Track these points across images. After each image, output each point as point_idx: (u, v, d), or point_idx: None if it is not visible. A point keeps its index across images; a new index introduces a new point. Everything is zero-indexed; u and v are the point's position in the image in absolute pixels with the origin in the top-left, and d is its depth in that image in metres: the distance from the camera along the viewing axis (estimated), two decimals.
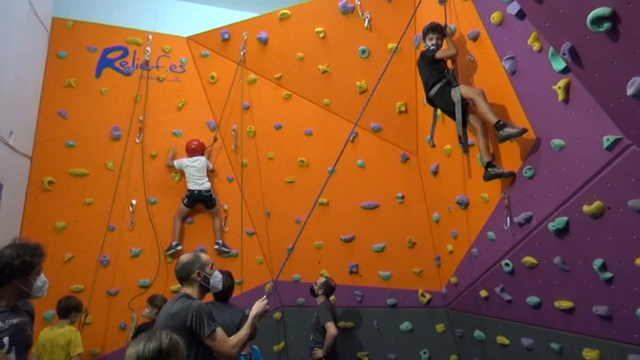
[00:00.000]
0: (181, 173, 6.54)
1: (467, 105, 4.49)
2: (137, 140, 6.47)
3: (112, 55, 6.65)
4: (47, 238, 5.85)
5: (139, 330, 5.13)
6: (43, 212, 5.97)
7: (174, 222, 6.35)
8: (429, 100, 4.84)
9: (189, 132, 6.70)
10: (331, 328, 5.27)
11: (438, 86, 4.63)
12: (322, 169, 6.15)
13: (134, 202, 6.30)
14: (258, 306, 3.29)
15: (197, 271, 3.23)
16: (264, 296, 3.37)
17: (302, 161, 6.48)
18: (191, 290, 3.21)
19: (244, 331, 3.18)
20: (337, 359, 5.58)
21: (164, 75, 6.79)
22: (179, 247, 6.27)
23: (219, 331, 3.05)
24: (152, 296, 5.36)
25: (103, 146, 6.39)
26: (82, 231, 6.06)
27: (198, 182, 6.31)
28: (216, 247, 6.44)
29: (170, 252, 6.24)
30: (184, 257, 3.32)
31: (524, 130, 3.89)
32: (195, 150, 6.46)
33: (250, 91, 6.72)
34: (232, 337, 3.14)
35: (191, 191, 6.31)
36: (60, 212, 6.04)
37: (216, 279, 3.33)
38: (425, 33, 4.86)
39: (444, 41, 4.80)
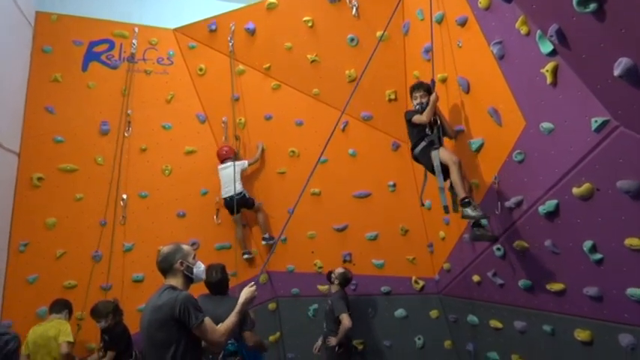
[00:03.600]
0: (172, 167, 6.51)
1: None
2: (126, 134, 6.41)
3: (98, 49, 6.57)
4: (38, 235, 5.84)
5: (107, 334, 5.11)
6: (33, 209, 5.91)
7: (235, 232, 6.42)
8: (415, 158, 4.83)
9: (179, 125, 6.66)
10: (346, 320, 5.31)
11: (420, 146, 4.66)
12: (313, 160, 6.05)
13: (125, 196, 6.26)
14: (246, 292, 3.28)
15: (179, 260, 3.20)
16: (252, 282, 3.35)
17: (293, 152, 6.46)
18: (175, 281, 3.19)
19: (232, 318, 3.18)
20: (351, 345, 5.63)
21: (151, 68, 6.72)
22: (251, 255, 6.45)
23: (206, 320, 3.05)
24: (94, 308, 5.12)
25: (92, 141, 6.33)
26: (73, 227, 6.01)
27: (227, 189, 6.24)
28: (264, 241, 6.45)
29: (245, 257, 6.44)
30: (165, 248, 3.29)
31: (486, 227, 4.22)
32: (225, 156, 6.40)
33: (239, 83, 6.68)
34: (221, 325, 3.14)
35: (224, 199, 6.28)
36: (50, 208, 5.98)
37: (200, 269, 3.31)
38: (411, 91, 4.84)
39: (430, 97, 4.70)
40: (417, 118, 4.64)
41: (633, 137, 3.02)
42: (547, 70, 3.51)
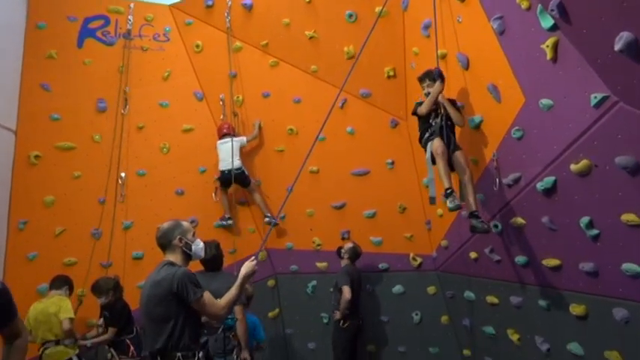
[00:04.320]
0: (170, 145, 6.50)
1: (456, 150, 4.48)
2: (123, 112, 6.38)
3: (93, 25, 6.48)
4: (37, 213, 5.87)
5: (108, 310, 5.18)
6: (31, 187, 5.91)
7: (219, 198, 6.37)
8: (423, 148, 4.80)
9: (176, 102, 6.62)
10: (346, 292, 5.44)
11: (425, 137, 4.67)
12: (312, 137, 6.03)
13: (123, 174, 6.26)
14: (247, 266, 3.31)
15: (178, 237, 3.23)
16: (253, 257, 3.38)
17: (291, 130, 6.44)
18: (174, 257, 3.22)
19: (233, 291, 3.21)
20: (358, 322, 5.72)
21: (148, 44, 6.64)
22: (230, 222, 6.36)
23: (206, 294, 3.08)
24: (94, 285, 5.24)
25: (89, 119, 6.30)
26: (71, 204, 6.03)
27: (226, 162, 6.23)
28: (266, 219, 6.42)
29: (221, 222, 6.35)
30: (165, 224, 3.31)
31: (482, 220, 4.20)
32: (226, 132, 6.37)
33: (236, 60, 6.61)
34: (221, 298, 3.18)
35: (221, 172, 6.28)
36: (48, 186, 5.99)
37: (198, 246, 3.33)
38: (420, 81, 4.79)
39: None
40: (418, 110, 4.68)
41: (632, 113, 3.02)
42: (547, 46, 3.48)
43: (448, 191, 4.30)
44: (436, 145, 4.44)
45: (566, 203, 3.78)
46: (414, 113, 4.79)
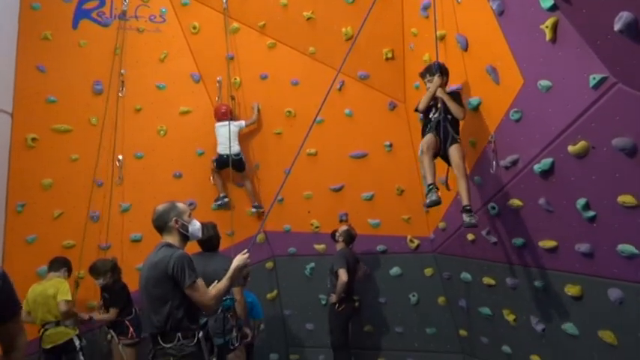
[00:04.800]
0: (167, 127, 6.47)
1: (453, 144, 4.41)
2: (120, 94, 6.34)
3: (88, 6, 6.40)
4: (34, 195, 5.87)
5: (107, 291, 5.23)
6: (29, 169, 5.90)
7: (213, 179, 6.39)
8: None
9: (173, 85, 6.57)
10: (342, 275, 5.49)
11: (426, 130, 4.62)
12: (309, 120, 6.01)
13: (120, 157, 6.24)
14: (239, 259, 3.33)
15: (174, 218, 3.24)
16: (245, 250, 3.40)
17: (289, 112, 6.42)
18: (171, 239, 3.24)
19: (224, 283, 3.24)
20: (354, 304, 5.83)
21: (143, 26, 6.57)
22: (226, 199, 6.36)
23: (199, 282, 3.10)
24: (92, 266, 5.30)
25: (85, 101, 6.26)
26: (69, 187, 6.03)
27: (225, 146, 6.21)
28: (253, 209, 6.47)
29: (218, 203, 6.35)
30: (160, 206, 3.32)
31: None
32: (224, 114, 6.34)
33: (233, 41, 6.55)
34: (211, 288, 3.19)
35: (220, 155, 6.27)
36: (45, 169, 5.97)
37: (195, 227, 3.34)
38: (421, 76, 4.73)
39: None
40: (418, 106, 4.66)
41: (631, 94, 3.01)
42: (547, 27, 3.45)
43: (430, 187, 4.32)
44: (424, 141, 4.44)
45: (563, 185, 3.79)
46: (417, 110, 4.76)
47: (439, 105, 4.52)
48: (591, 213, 3.61)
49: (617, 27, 2.70)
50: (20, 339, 2.03)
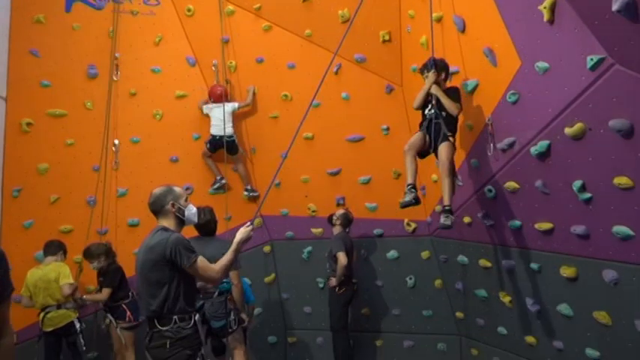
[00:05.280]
0: (163, 111, 6.43)
1: (443, 141, 4.36)
2: (115, 78, 6.28)
3: None
4: (31, 180, 5.86)
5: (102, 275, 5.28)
6: (24, 154, 5.88)
7: (205, 161, 6.39)
8: None
9: (168, 68, 6.51)
10: (342, 258, 5.53)
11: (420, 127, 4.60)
12: (306, 103, 5.97)
13: (117, 141, 6.22)
14: (242, 232, 3.34)
15: (171, 202, 3.25)
16: (249, 222, 3.41)
17: (285, 95, 6.37)
18: (167, 223, 3.25)
19: (228, 256, 3.25)
20: (353, 287, 5.86)
21: (137, 8, 6.47)
22: (223, 181, 6.36)
23: (200, 259, 3.13)
24: (86, 250, 5.31)
25: (80, 85, 6.21)
26: (65, 172, 6.01)
27: (218, 127, 6.19)
28: (246, 192, 6.48)
29: (215, 186, 6.35)
30: (157, 190, 3.32)
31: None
32: (220, 96, 6.29)
33: (229, 24, 6.48)
34: (216, 262, 3.22)
35: (213, 136, 6.24)
36: (41, 154, 5.95)
37: (191, 211, 3.35)
38: (421, 73, 4.66)
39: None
40: (413, 104, 4.66)
41: (628, 75, 3.00)
42: (544, 7, 3.42)
43: (407, 187, 4.35)
44: (410, 139, 4.43)
45: (560, 167, 3.79)
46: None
47: (433, 102, 4.48)
48: (587, 195, 3.62)
49: (615, 7, 2.68)
50: (9, 324, 1.94)
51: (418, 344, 6.13)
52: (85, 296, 5.31)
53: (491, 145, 4.39)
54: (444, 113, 4.40)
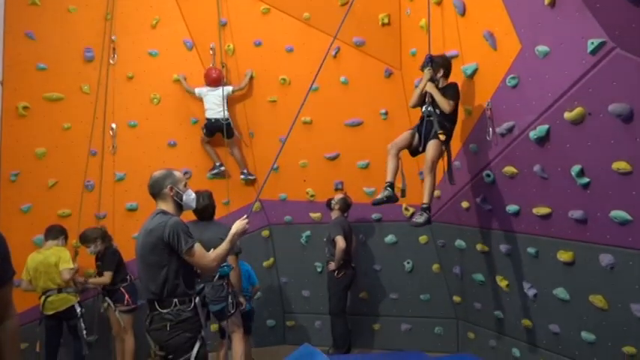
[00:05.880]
0: (160, 95, 6.39)
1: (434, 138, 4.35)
2: (111, 62, 6.22)
3: None
4: (28, 165, 5.84)
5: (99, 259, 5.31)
6: (21, 139, 5.85)
7: (204, 148, 6.38)
8: None
9: (166, 52, 6.44)
10: (340, 242, 5.58)
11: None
12: (305, 87, 5.92)
13: (114, 125, 6.19)
14: (237, 225, 3.35)
15: (169, 186, 3.25)
16: (245, 216, 3.42)
17: (284, 79, 6.33)
18: (166, 206, 3.26)
19: (224, 246, 3.27)
20: (352, 271, 5.90)
21: None
22: (222, 168, 6.36)
23: (197, 246, 3.13)
24: (82, 235, 5.35)
25: (77, 69, 6.15)
26: (63, 156, 5.99)
27: (217, 110, 6.16)
28: (242, 176, 6.47)
29: (214, 172, 6.36)
30: (157, 173, 3.33)
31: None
32: (215, 80, 6.24)
33: (226, 6, 6.40)
34: (211, 251, 3.23)
35: (209, 119, 6.21)
36: (38, 138, 5.92)
37: (190, 197, 3.36)
38: (421, 70, 4.60)
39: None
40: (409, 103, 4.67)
41: (629, 59, 2.98)
42: None
43: (386, 184, 4.43)
44: (396, 138, 4.43)
45: (559, 152, 3.79)
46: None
47: (427, 99, 4.46)
48: (585, 179, 3.63)
49: None
50: (12, 307, 1.93)
51: (415, 328, 6.19)
52: (89, 280, 5.33)
53: (490, 129, 4.38)
54: (437, 111, 4.37)
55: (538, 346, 4.69)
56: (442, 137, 4.33)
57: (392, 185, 4.43)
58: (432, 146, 4.34)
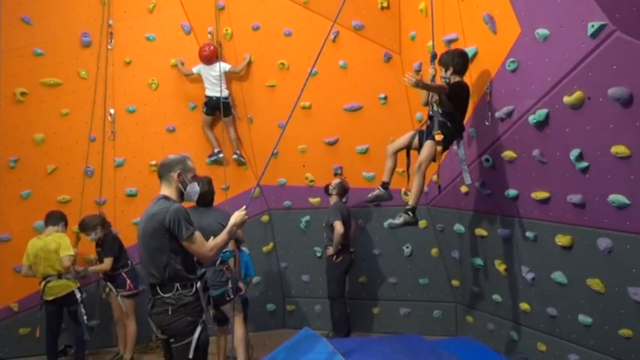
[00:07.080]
0: (159, 80, 6.35)
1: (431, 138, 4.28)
2: (109, 47, 6.18)
3: None
4: (27, 151, 5.85)
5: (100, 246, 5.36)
6: (19, 125, 5.84)
7: (205, 132, 6.38)
8: None
9: (164, 36, 6.39)
10: (338, 227, 5.61)
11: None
12: (304, 72, 5.91)
13: (112, 111, 6.17)
14: (236, 216, 3.36)
15: (178, 171, 3.27)
16: (244, 206, 3.43)
17: (282, 64, 6.29)
18: (169, 191, 3.28)
19: (222, 236, 3.29)
20: (351, 255, 5.93)
21: None
22: (220, 155, 6.35)
23: (197, 234, 3.16)
24: (81, 223, 5.36)
25: (74, 54, 6.10)
26: (62, 142, 5.99)
27: (216, 89, 6.13)
28: (235, 157, 6.46)
29: (212, 159, 6.36)
30: (172, 155, 3.40)
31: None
32: (210, 56, 6.20)
33: None
34: (210, 240, 3.26)
35: (209, 97, 6.19)
36: (37, 124, 5.91)
37: (194, 189, 3.37)
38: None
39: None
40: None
41: (629, 42, 2.96)
42: None
43: (381, 184, 4.58)
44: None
45: (558, 136, 3.79)
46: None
47: (430, 98, 4.41)
48: (584, 164, 3.63)
49: None
50: None
51: (414, 311, 6.25)
52: (89, 268, 5.36)
53: (490, 113, 4.37)
54: (440, 110, 4.27)
55: (536, 329, 4.74)
56: (438, 137, 4.22)
57: (386, 185, 4.56)
58: (425, 146, 4.28)
